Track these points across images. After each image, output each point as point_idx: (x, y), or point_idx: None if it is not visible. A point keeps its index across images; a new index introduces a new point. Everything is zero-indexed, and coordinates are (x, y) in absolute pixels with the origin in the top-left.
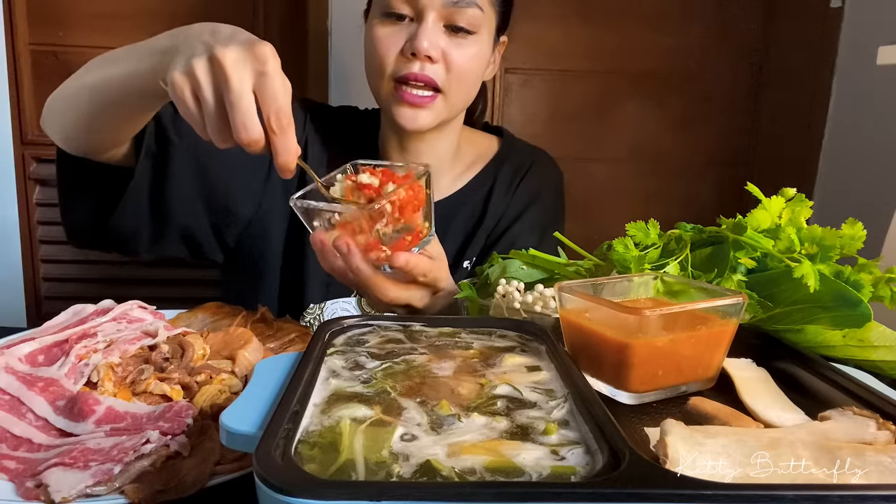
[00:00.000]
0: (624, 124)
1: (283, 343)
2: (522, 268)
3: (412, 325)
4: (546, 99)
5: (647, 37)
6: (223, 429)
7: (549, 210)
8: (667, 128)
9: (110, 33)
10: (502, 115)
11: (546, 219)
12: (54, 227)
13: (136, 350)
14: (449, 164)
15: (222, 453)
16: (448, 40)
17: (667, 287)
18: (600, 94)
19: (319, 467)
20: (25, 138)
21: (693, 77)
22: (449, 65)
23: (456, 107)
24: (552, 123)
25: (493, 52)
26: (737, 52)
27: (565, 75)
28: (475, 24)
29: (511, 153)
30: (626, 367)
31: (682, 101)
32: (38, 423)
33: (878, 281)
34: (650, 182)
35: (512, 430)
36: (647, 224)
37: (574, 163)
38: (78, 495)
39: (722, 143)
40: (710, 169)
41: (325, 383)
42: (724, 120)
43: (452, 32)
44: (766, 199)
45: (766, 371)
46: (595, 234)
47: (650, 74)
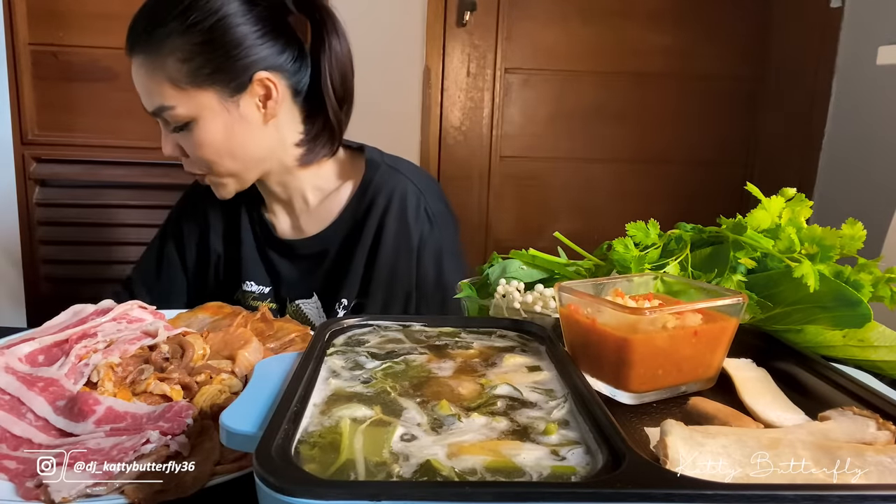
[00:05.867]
0: (624, 124)
1: (283, 343)
2: (522, 268)
3: (412, 324)
4: (546, 99)
5: (647, 37)
6: (223, 429)
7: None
8: (666, 128)
9: (110, 33)
10: (502, 115)
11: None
12: (54, 227)
13: (136, 350)
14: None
15: (222, 453)
16: (176, 136)
17: (667, 287)
18: (600, 94)
19: (319, 467)
20: (25, 138)
21: (693, 77)
22: (190, 153)
23: (236, 169)
24: (552, 123)
25: (235, 105)
26: (736, 52)
27: (565, 75)
28: (183, 116)
29: (375, 180)
30: (626, 366)
31: (682, 101)
32: (38, 423)
33: (878, 281)
34: (650, 182)
35: (512, 430)
36: (647, 224)
37: (574, 163)
38: (78, 495)
39: (722, 143)
40: (710, 169)
41: (325, 383)
42: (724, 120)
43: (177, 130)
44: (766, 199)
45: (766, 371)
46: (595, 234)
47: (650, 74)
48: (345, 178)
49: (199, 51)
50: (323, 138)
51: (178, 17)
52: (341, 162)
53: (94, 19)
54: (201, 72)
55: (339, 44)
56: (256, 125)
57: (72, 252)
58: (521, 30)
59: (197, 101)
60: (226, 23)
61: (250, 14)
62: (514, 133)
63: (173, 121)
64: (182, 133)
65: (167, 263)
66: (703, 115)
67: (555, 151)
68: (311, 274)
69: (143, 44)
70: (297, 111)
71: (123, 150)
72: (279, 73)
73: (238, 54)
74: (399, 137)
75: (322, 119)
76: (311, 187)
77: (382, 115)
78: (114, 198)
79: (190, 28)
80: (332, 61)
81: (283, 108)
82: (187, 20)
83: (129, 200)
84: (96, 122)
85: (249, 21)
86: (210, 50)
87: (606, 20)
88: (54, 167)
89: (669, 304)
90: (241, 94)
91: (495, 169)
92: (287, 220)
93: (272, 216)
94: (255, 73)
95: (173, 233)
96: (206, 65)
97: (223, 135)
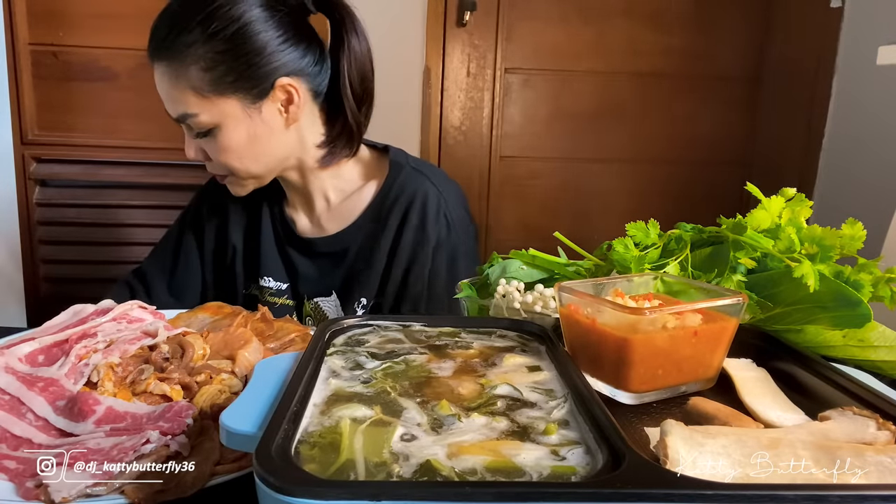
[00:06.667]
0: (624, 124)
1: (283, 343)
2: (522, 268)
3: (412, 324)
4: (546, 99)
5: (647, 37)
6: (223, 429)
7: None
8: (666, 127)
9: (110, 33)
10: (502, 115)
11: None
12: (54, 227)
13: (136, 350)
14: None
15: (222, 453)
16: (199, 141)
17: (667, 287)
18: (600, 94)
19: (319, 467)
20: (25, 138)
21: (693, 77)
22: (213, 157)
23: (259, 172)
24: (552, 123)
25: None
26: (736, 52)
27: (565, 75)
28: (206, 123)
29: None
30: (626, 366)
31: (682, 101)
32: (38, 423)
33: (878, 281)
34: (650, 182)
35: (512, 430)
36: (647, 224)
37: (574, 163)
38: (78, 495)
39: (722, 143)
40: (709, 169)
41: (325, 383)
42: (723, 120)
43: (200, 136)
44: (766, 199)
45: (766, 371)
46: (595, 234)
47: (650, 74)
48: (368, 179)
49: (222, 59)
50: (343, 139)
51: (200, 26)
52: (365, 162)
53: (94, 19)
54: (224, 80)
55: (358, 43)
56: (278, 130)
57: (72, 252)
58: (521, 30)
59: (220, 109)
60: (248, 30)
61: (272, 20)
62: (514, 133)
63: (197, 127)
64: (205, 139)
65: (185, 255)
66: (703, 115)
67: (555, 151)
68: (330, 272)
69: (165, 52)
70: (317, 112)
71: (123, 150)
72: (300, 78)
73: (260, 62)
74: (399, 137)
75: (342, 120)
76: (333, 187)
77: (382, 115)
78: (114, 198)
79: (212, 37)
80: (352, 61)
81: (304, 110)
82: (209, 28)
83: (129, 200)
84: (96, 122)
85: (271, 27)
86: (232, 58)
87: (607, 20)
88: (54, 167)
89: (669, 304)
90: (263, 100)
91: (495, 169)
92: (309, 217)
93: (294, 213)
94: (277, 80)
95: (192, 225)
96: (228, 73)
97: (246, 140)
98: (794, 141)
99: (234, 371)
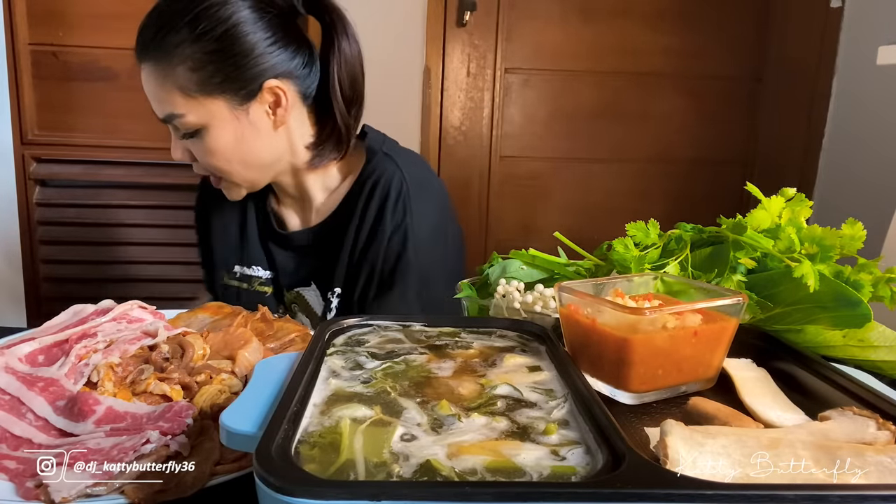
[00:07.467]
0: (624, 124)
1: (283, 343)
2: (522, 268)
3: (412, 324)
4: (546, 99)
5: (647, 37)
6: (223, 429)
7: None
8: (666, 127)
9: (110, 33)
10: (502, 115)
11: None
12: (54, 227)
13: (136, 350)
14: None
15: (222, 453)
16: (186, 142)
17: (667, 287)
18: (600, 94)
19: (319, 467)
20: (25, 138)
21: (692, 77)
22: (200, 159)
23: (250, 177)
24: (552, 123)
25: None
26: (737, 52)
27: (565, 75)
28: (193, 124)
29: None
30: (626, 366)
31: (682, 101)
32: (38, 423)
33: (878, 281)
34: (650, 182)
35: (512, 431)
36: (647, 224)
37: (574, 163)
38: (78, 495)
39: (722, 143)
40: (710, 169)
41: (325, 383)
42: (723, 120)
43: (187, 137)
44: (766, 199)
45: (766, 371)
46: (595, 234)
47: (650, 74)
48: (348, 172)
49: (210, 60)
50: (332, 142)
51: (188, 26)
52: (346, 157)
53: (93, 19)
54: (211, 81)
55: (348, 46)
56: (266, 132)
57: (72, 252)
58: (521, 30)
59: (207, 109)
60: (236, 31)
61: (261, 22)
62: (514, 133)
63: (183, 128)
64: (192, 140)
65: None
66: (703, 115)
67: (555, 151)
68: (306, 265)
69: (153, 51)
70: (307, 115)
71: (123, 150)
72: (289, 80)
73: (248, 63)
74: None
75: (332, 122)
76: (321, 187)
77: (382, 115)
78: (114, 198)
79: (200, 37)
80: (342, 64)
81: (292, 113)
82: (197, 29)
83: (129, 200)
84: (96, 122)
85: (260, 29)
86: (220, 59)
87: (607, 20)
88: (54, 167)
89: (669, 304)
90: (250, 101)
91: (495, 169)
92: (300, 216)
93: (285, 210)
94: (265, 82)
95: (203, 232)
96: (216, 74)
97: (233, 142)
98: (794, 141)
99: (234, 371)
